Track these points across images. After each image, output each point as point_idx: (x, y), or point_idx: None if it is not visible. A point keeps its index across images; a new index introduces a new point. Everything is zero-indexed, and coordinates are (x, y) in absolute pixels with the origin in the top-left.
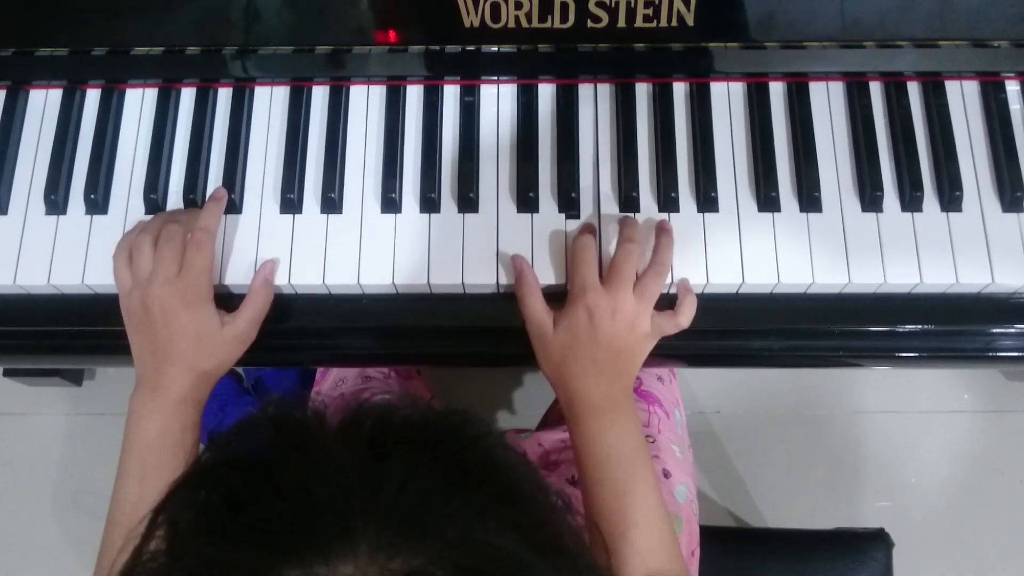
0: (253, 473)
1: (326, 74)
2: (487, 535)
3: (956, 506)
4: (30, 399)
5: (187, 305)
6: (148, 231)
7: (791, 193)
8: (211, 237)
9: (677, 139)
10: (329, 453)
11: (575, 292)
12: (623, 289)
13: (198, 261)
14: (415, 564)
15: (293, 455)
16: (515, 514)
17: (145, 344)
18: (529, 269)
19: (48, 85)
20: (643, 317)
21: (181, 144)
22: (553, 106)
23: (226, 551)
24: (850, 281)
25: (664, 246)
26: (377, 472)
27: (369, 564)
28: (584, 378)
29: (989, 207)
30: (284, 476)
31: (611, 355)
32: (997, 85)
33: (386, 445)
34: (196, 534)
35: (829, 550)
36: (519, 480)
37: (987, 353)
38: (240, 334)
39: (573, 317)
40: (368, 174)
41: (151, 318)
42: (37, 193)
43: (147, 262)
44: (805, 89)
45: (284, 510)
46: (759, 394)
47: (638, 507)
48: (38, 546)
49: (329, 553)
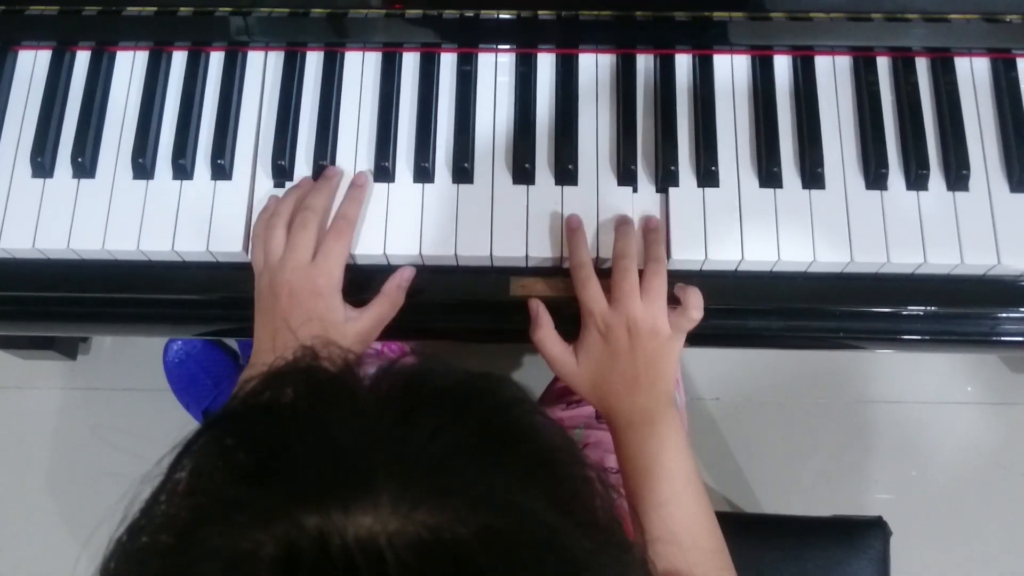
0: (279, 421)
1: (321, 39)
2: (516, 496)
3: (956, 498)
4: (24, 373)
5: (316, 293)
6: (280, 214)
7: (794, 169)
8: (352, 226)
9: (678, 112)
10: (357, 404)
11: (585, 318)
12: (630, 304)
13: (336, 249)
14: (439, 519)
15: (320, 404)
16: (548, 480)
17: (267, 328)
18: (544, 311)
19: (37, 46)
20: (660, 319)
21: (171, 108)
22: (552, 76)
23: (242, 492)
24: (852, 260)
25: (653, 241)
26: (405, 426)
27: (391, 515)
28: (619, 396)
29: (996, 187)
30: (309, 424)
31: (638, 369)
32: (1008, 63)
33: (416, 401)
34: (215, 475)
35: (825, 537)
36: (554, 448)
37: (991, 338)
38: (363, 331)
39: (591, 343)
40: (361, 143)
41: (277, 302)
42: (24, 155)
43: (279, 246)
44: (811, 63)
45: (306, 457)
46: (759, 381)
47: (680, 519)
48: (31, 520)
49: (349, 502)
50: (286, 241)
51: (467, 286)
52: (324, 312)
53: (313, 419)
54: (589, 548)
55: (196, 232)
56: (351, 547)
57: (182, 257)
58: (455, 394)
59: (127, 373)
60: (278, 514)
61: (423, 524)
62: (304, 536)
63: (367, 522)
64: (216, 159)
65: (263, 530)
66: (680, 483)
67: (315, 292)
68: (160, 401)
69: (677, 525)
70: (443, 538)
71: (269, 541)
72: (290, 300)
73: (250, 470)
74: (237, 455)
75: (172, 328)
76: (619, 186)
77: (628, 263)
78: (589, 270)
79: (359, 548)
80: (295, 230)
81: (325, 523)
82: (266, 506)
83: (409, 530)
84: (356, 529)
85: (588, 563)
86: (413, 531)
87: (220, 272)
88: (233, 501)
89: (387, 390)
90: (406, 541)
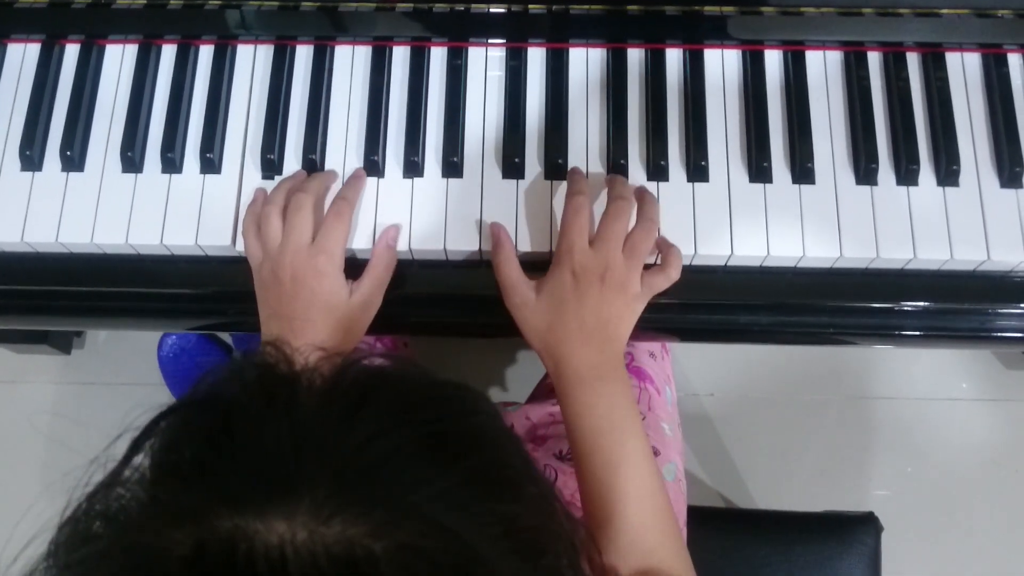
0: (221, 417)
1: (311, 33)
2: (444, 516)
3: (951, 494)
4: (18, 367)
5: (319, 274)
6: (274, 202)
7: (784, 164)
8: (352, 207)
9: (669, 107)
10: (294, 406)
11: (561, 254)
12: (613, 249)
13: (336, 228)
14: (352, 533)
15: (259, 403)
16: (487, 500)
17: (272, 315)
18: (507, 236)
19: (27, 39)
20: (633, 277)
21: (160, 101)
22: (543, 70)
23: (171, 489)
24: (841, 255)
25: (649, 201)
26: (341, 430)
27: (305, 524)
28: (571, 344)
29: (987, 182)
30: (247, 424)
31: (600, 320)
32: (999, 58)
33: (362, 405)
34: (155, 469)
35: (817, 532)
36: (504, 465)
37: (982, 333)
38: (367, 298)
39: (558, 280)
40: (351, 137)
41: (281, 288)
42: (13, 148)
43: (276, 232)
44: (802, 58)
45: (236, 457)
46: (754, 377)
47: (630, 479)
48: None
49: (267, 506)
50: (283, 227)
51: (456, 280)
52: (328, 294)
53: (251, 419)
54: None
55: (185, 226)
56: (257, 554)
57: (171, 251)
58: (407, 399)
59: (121, 368)
60: (196, 514)
61: (336, 536)
62: (214, 539)
63: (280, 528)
64: (205, 153)
65: (180, 529)
66: (630, 444)
67: (318, 273)
68: (155, 396)
69: (627, 486)
70: (353, 553)
71: (184, 540)
72: (294, 284)
73: (186, 468)
74: (180, 450)
75: (161, 322)
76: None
77: (624, 205)
78: (586, 199)
79: (264, 556)
80: (290, 213)
81: (238, 527)
82: (188, 505)
83: (318, 542)
84: (268, 535)
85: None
86: (322, 544)
87: (209, 266)
88: (159, 498)
89: (337, 392)
90: (311, 553)
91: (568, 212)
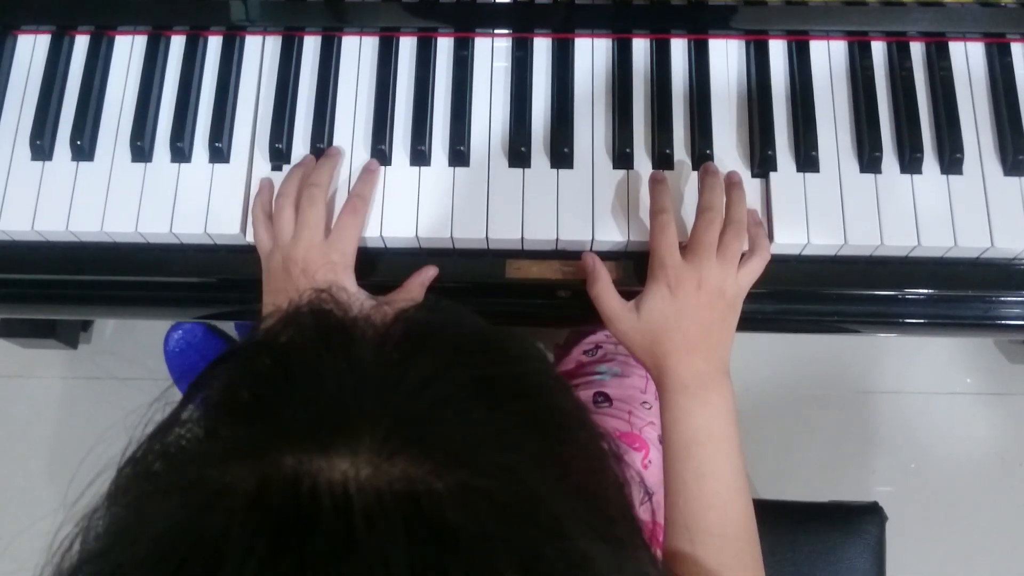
0: (279, 360)
1: (318, 24)
2: (503, 457)
3: (955, 489)
4: (24, 361)
5: (331, 269)
6: (286, 194)
7: (788, 152)
8: (367, 205)
9: (674, 96)
10: (351, 349)
11: (655, 270)
12: (706, 259)
13: (350, 226)
14: (416, 471)
15: (319, 346)
16: (543, 442)
17: (276, 305)
18: (602, 266)
19: (37, 30)
20: (729, 279)
21: (169, 91)
22: (549, 61)
23: (227, 427)
24: (846, 243)
25: (737, 200)
26: (398, 373)
27: (368, 462)
28: (678, 355)
29: (990, 170)
30: (306, 366)
31: (702, 328)
32: (1003, 47)
33: (418, 349)
34: (215, 410)
35: (821, 522)
36: (557, 409)
37: (985, 321)
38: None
39: (656, 296)
40: (358, 126)
41: (290, 280)
42: (23, 138)
43: (289, 225)
44: (806, 48)
45: (297, 398)
46: (757, 371)
47: (717, 493)
48: (33, 511)
49: (330, 445)
50: (295, 219)
51: (463, 269)
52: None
53: (310, 361)
54: (580, 516)
55: (194, 214)
56: (321, 489)
57: (180, 239)
58: (462, 343)
59: (128, 362)
60: (259, 451)
61: (399, 474)
62: (278, 475)
63: (343, 466)
64: (214, 142)
65: (243, 465)
66: (723, 458)
67: (329, 268)
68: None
69: (713, 499)
70: (415, 490)
71: (247, 477)
72: (304, 277)
73: (246, 407)
74: (239, 391)
75: (171, 310)
76: (615, 169)
77: (714, 216)
78: (670, 216)
79: (328, 491)
80: (304, 208)
81: (302, 464)
82: (252, 443)
83: (382, 478)
84: (331, 472)
85: (570, 532)
86: (386, 480)
87: (218, 254)
88: (221, 435)
89: (393, 336)
90: (376, 489)
91: (655, 230)
